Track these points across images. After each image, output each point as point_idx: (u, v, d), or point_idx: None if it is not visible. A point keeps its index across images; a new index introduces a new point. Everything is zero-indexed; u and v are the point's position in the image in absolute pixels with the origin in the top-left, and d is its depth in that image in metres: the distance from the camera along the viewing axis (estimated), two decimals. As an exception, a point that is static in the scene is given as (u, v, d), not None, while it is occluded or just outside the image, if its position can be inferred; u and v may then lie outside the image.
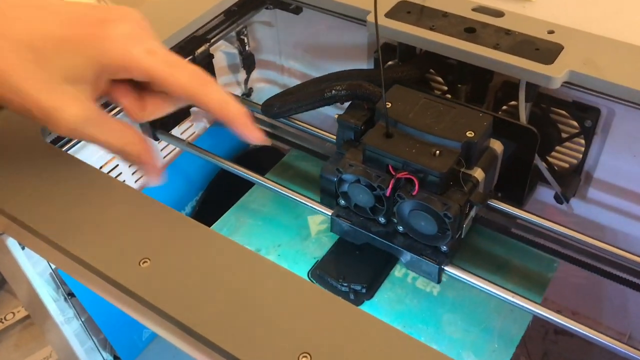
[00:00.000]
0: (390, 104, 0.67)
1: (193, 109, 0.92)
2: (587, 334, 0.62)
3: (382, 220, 0.70)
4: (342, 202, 0.71)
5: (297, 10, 0.92)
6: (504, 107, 0.84)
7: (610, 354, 0.62)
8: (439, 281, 0.70)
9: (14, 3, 0.41)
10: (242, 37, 0.95)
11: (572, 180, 0.83)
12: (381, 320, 0.47)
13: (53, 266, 0.74)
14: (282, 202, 0.89)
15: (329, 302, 0.49)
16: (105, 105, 0.73)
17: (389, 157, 0.63)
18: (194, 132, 0.98)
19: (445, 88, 0.87)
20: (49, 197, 0.57)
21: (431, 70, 0.85)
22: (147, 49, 0.44)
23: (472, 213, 0.69)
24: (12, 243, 0.67)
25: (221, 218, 0.89)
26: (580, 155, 0.82)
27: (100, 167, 0.83)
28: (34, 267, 0.72)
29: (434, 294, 0.80)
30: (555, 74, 0.66)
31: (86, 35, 0.42)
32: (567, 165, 0.85)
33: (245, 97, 1.05)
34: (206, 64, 0.87)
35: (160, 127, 0.87)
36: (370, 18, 0.75)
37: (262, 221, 0.89)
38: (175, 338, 0.50)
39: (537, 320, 0.69)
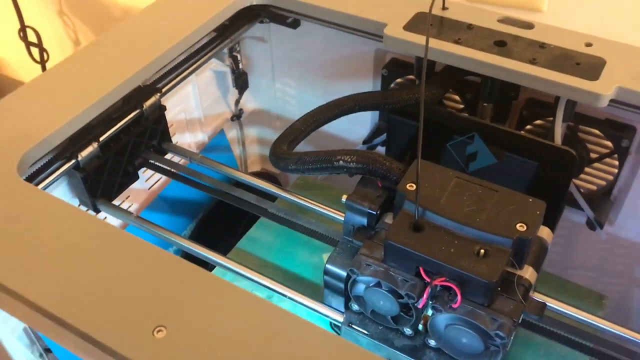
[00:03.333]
0: (414, 186, 0.54)
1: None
2: None
3: (407, 331, 0.56)
4: (355, 306, 0.58)
5: (294, 24, 0.83)
6: (527, 127, 0.77)
7: None
8: None
9: None
10: (234, 54, 0.86)
11: (603, 204, 0.77)
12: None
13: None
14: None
15: None
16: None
17: (421, 258, 0.50)
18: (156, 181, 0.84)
19: (462, 106, 0.80)
20: (27, 247, 0.48)
21: (448, 88, 0.78)
22: None
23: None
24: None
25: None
26: (611, 177, 0.76)
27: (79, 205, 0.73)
28: (4, 324, 0.61)
29: None
30: (603, 91, 0.60)
31: None
32: (594, 188, 0.79)
33: (236, 119, 0.96)
34: (155, 119, 0.72)
35: (102, 195, 0.70)
36: (388, 31, 0.68)
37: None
38: None
39: None
